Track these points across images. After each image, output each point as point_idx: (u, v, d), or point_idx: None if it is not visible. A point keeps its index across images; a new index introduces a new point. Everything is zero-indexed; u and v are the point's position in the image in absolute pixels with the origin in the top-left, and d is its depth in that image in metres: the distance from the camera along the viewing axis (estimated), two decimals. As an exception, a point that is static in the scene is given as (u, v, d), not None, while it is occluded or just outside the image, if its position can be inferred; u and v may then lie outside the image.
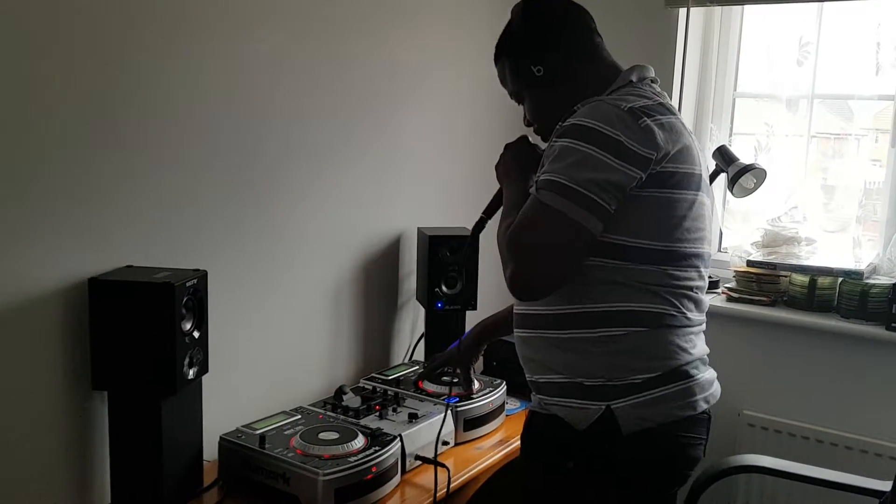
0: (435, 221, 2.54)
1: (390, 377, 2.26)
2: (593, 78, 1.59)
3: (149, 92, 1.76)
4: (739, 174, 2.59)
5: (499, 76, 1.70)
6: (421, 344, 2.52)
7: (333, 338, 2.34)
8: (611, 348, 1.48)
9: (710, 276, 1.61)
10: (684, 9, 2.68)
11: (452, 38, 2.57)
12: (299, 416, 1.94)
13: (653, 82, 1.60)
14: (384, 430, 1.84)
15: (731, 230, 2.88)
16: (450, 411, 2.02)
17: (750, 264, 2.66)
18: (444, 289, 2.40)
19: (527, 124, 1.71)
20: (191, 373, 1.67)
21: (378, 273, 2.46)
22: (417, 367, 2.33)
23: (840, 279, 2.53)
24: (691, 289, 1.53)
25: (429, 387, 2.18)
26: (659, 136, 1.43)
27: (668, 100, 1.56)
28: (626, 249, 1.46)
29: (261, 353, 2.12)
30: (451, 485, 1.85)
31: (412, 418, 1.95)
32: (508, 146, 1.71)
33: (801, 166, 2.73)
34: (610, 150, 1.40)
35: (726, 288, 2.71)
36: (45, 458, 1.67)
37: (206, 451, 1.82)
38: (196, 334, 1.68)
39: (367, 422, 1.92)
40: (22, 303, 1.58)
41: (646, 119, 1.43)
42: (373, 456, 1.75)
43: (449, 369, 2.15)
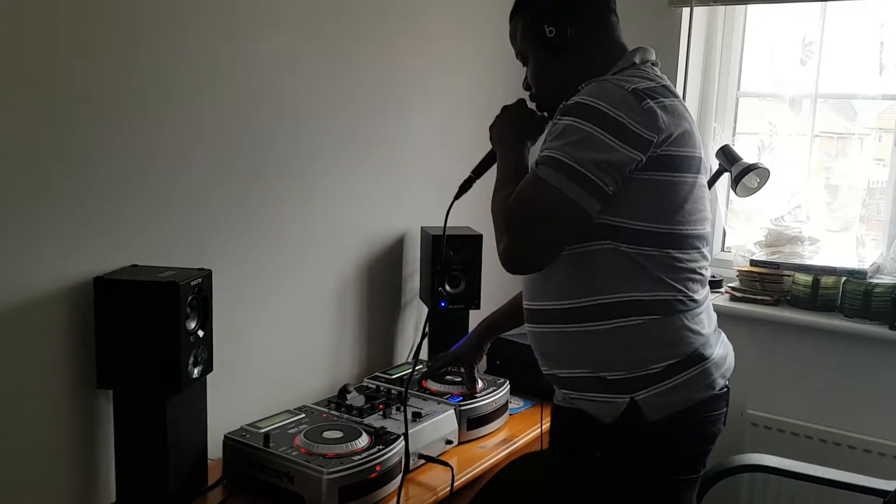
0: (438, 221, 2.53)
1: (394, 376, 2.26)
2: (601, 55, 1.59)
3: (155, 92, 1.76)
4: (743, 173, 2.59)
5: (510, 33, 1.68)
6: (425, 343, 2.52)
7: (337, 337, 2.35)
8: (625, 339, 1.49)
9: (713, 276, 1.62)
10: (688, 8, 2.68)
11: (457, 40, 2.58)
12: (303, 415, 1.95)
13: (653, 65, 1.61)
14: (388, 429, 1.85)
15: (735, 229, 2.87)
16: (453, 410, 2.03)
17: (753, 264, 2.66)
18: (447, 288, 2.40)
19: (525, 87, 1.70)
20: (195, 372, 1.68)
21: (382, 272, 2.47)
22: (421, 367, 2.34)
23: (843, 279, 2.53)
24: (695, 270, 1.54)
25: (433, 386, 2.18)
26: (661, 119, 1.44)
27: (669, 82, 1.57)
28: (630, 232, 1.47)
29: (265, 352, 2.13)
30: (455, 484, 1.86)
31: (416, 417, 1.96)
32: (506, 108, 1.71)
33: (804, 166, 2.73)
34: (611, 131, 1.41)
35: (730, 287, 2.71)
36: (50, 457, 1.67)
37: (211, 450, 1.82)
38: (201, 333, 1.69)
39: (371, 421, 1.92)
40: (27, 301, 1.59)
41: (649, 101, 1.44)
42: (377, 455, 1.75)
43: (453, 368, 2.16)
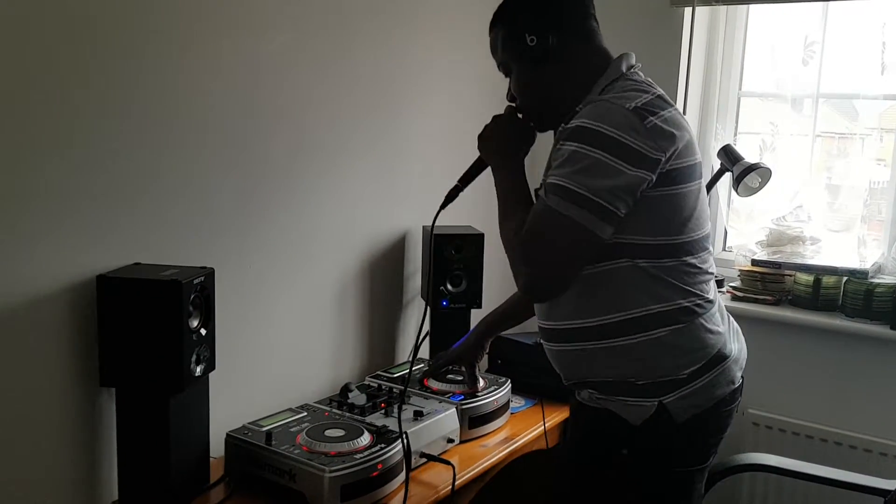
0: (440, 220, 2.54)
1: (395, 375, 2.26)
2: (584, 61, 1.58)
3: (157, 91, 1.77)
4: (744, 173, 2.59)
5: (490, 44, 1.66)
6: (426, 342, 2.52)
7: (339, 336, 2.35)
8: (652, 352, 1.52)
9: (714, 276, 1.64)
10: (689, 8, 2.68)
11: (457, 39, 2.58)
12: (305, 414, 1.95)
13: (634, 67, 1.60)
14: (390, 428, 1.85)
15: (736, 229, 2.87)
16: (455, 409, 2.03)
17: (754, 263, 2.66)
18: (448, 287, 2.40)
19: (510, 99, 1.69)
20: (198, 370, 1.68)
21: (383, 271, 2.47)
22: (422, 366, 2.34)
23: (845, 278, 2.53)
24: (706, 271, 1.57)
25: (434, 385, 2.18)
26: (666, 136, 1.44)
27: (661, 90, 1.56)
28: (645, 248, 1.49)
29: (267, 350, 2.13)
30: (456, 482, 1.86)
31: (417, 416, 1.96)
32: (497, 119, 1.69)
33: (805, 165, 2.73)
34: (619, 155, 1.41)
35: (731, 287, 2.71)
36: (53, 455, 1.68)
37: (213, 448, 1.83)
38: (203, 332, 1.69)
39: (373, 419, 1.93)
40: (30, 299, 1.59)
41: (651, 118, 1.44)
42: (378, 453, 1.75)
43: (454, 367, 2.16)
